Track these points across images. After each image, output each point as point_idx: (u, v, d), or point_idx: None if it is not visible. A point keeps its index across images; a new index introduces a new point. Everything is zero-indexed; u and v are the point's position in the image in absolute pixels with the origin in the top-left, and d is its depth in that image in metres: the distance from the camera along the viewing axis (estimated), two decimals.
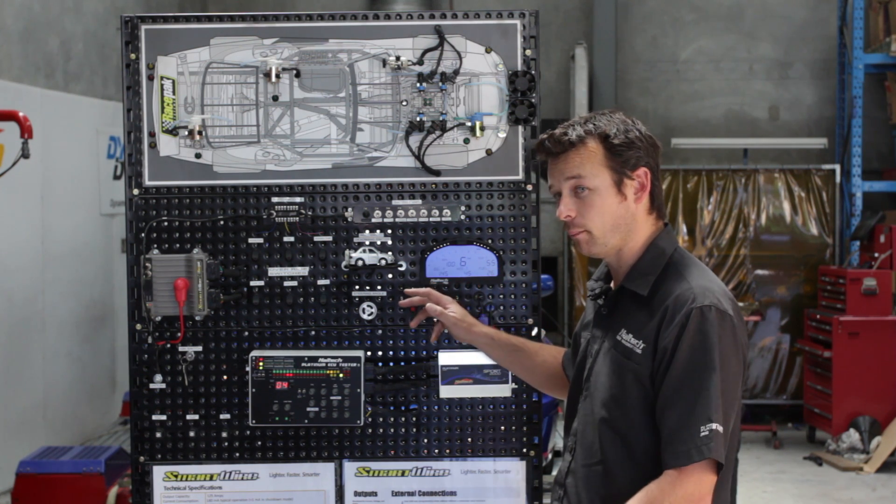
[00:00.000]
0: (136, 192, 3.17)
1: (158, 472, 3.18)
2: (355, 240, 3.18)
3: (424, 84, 3.16)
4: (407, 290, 3.07)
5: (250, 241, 3.17)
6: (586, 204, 2.47)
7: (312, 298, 3.18)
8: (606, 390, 2.46)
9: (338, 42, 3.17)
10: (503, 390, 3.10)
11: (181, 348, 3.16)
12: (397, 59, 3.15)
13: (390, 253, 3.17)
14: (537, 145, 2.56)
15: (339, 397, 3.07)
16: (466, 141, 3.17)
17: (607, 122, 2.47)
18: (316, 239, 3.18)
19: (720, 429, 2.27)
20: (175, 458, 3.19)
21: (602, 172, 2.45)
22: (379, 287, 3.18)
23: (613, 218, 2.46)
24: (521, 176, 3.18)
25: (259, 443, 3.18)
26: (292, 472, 3.19)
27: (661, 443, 2.34)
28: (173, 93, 3.16)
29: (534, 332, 3.18)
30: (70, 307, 7.51)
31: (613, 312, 2.52)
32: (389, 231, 3.18)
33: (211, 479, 3.19)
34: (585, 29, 10.36)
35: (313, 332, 3.19)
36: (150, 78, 3.15)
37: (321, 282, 3.18)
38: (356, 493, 3.19)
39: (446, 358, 3.10)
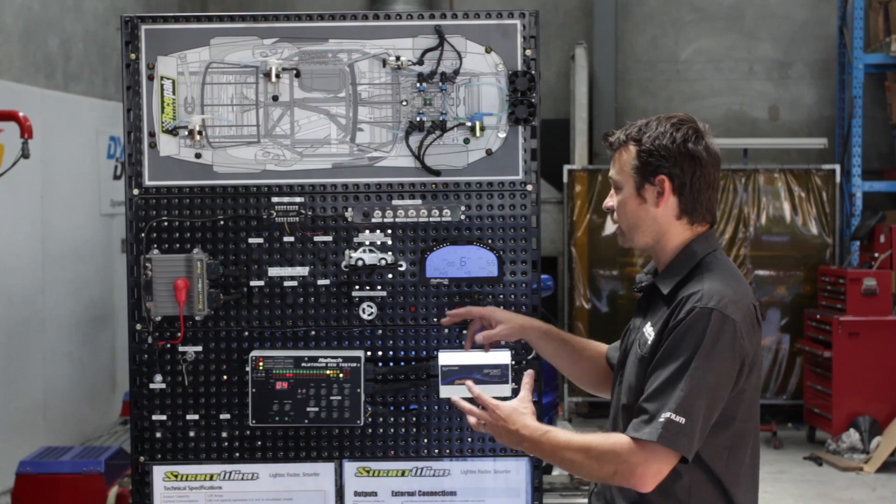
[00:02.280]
0: (136, 192, 3.17)
1: (158, 472, 3.18)
2: (355, 240, 3.18)
3: (424, 84, 3.16)
4: (449, 313, 3.10)
5: (250, 241, 3.17)
6: (618, 202, 2.67)
7: (312, 298, 3.18)
8: (628, 377, 2.61)
9: (338, 42, 3.17)
10: (503, 390, 3.09)
11: (181, 348, 3.16)
12: (397, 59, 3.15)
13: (390, 253, 3.17)
14: None
15: (339, 397, 3.07)
16: (466, 141, 3.17)
17: (650, 128, 2.62)
18: (316, 239, 3.18)
19: (678, 419, 2.38)
20: (175, 458, 3.19)
21: (629, 176, 2.63)
22: (379, 287, 3.18)
23: (635, 219, 2.64)
24: (521, 176, 3.18)
25: (259, 443, 3.18)
26: (292, 472, 3.19)
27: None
28: (173, 93, 3.16)
29: None
30: (70, 307, 7.51)
31: (649, 306, 2.67)
32: (389, 231, 3.18)
33: (211, 479, 3.19)
34: (585, 29, 10.36)
35: (313, 332, 3.19)
36: (150, 78, 3.15)
37: (321, 282, 3.18)
38: (356, 493, 3.19)
39: (446, 358, 3.10)
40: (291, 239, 3.18)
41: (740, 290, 2.53)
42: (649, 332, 2.57)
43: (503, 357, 3.09)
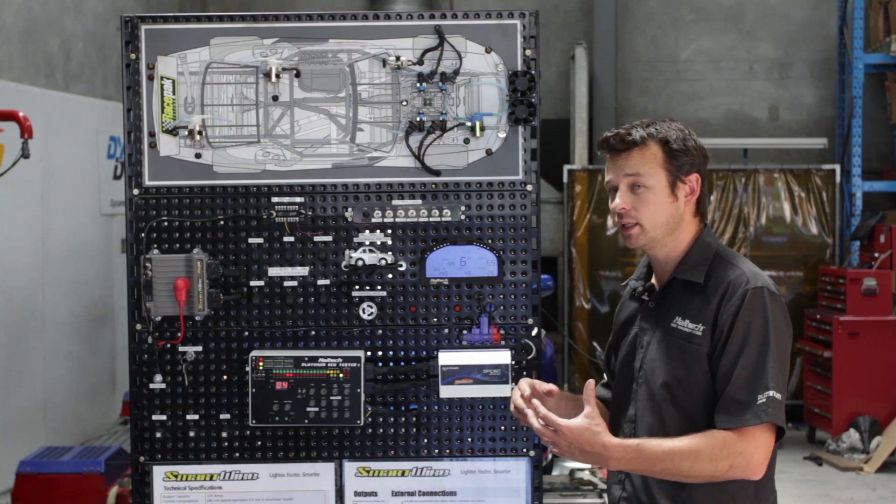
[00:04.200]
0: (136, 192, 3.17)
1: (158, 472, 3.18)
2: (355, 240, 3.18)
3: (424, 84, 3.16)
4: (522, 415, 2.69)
5: (250, 241, 3.17)
6: (642, 200, 2.64)
7: (312, 298, 3.18)
8: (667, 373, 2.62)
9: (338, 42, 3.17)
10: (503, 390, 3.10)
11: (181, 348, 3.16)
12: (397, 59, 3.15)
13: (390, 253, 3.17)
14: (600, 141, 2.71)
15: (339, 397, 3.07)
16: (466, 141, 3.17)
17: (668, 129, 2.66)
18: (316, 239, 3.18)
19: (777, 395, 2.47)
20: (175, 458, 3.19)
21: (659, 173, 2.64)
22: (379, 287, 3.18)
23: (665, 215, 2.65)
24: (521, 176, 3.18)
25: (259, 443, 3.18)
26: (292, 472, 3.19)
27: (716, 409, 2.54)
28: (173, 93, 3.16)
29: (534, 333, 3.18)
30: (70, 307, 7.51)
31: (662, 304, 2.69)
32: (389, 231, 3.18)
33: (211, 479, 3.19)
34: (585, 29, 10.35)
35: (313, 332, 3.19)
36: (150, 78, 3.15)
37: (321, 282, 3.18)
38: (356, 493, 3.19)
39: (446, 358, 3.10)
40: (291, 239, 3.18)
41: (764, 273, 2.65)
42: (688, 325, 2.59)
43: (503, 357, 3.09)
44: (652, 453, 2.47)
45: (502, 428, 3.19)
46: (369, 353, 3.18)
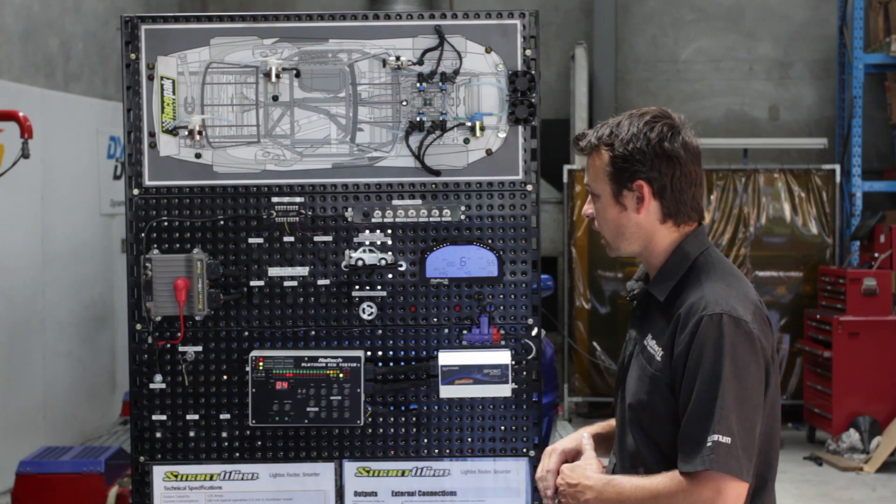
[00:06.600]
0: (136, 192, 3.17)
1: (158, 472, 3.18)
2: (355, 240, 3.18)
3: (424, 84, 3.16)
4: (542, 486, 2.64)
5: (250, 241, 3.17)
6: (597, 210, 2.50)
7: (312, 298, 3.18)
8: (634, 395, 2.45)
9: (338, 42, 3.17)
10: (503, 390, 3.10)
11: (181, 348, 3.17)
12: (397, 59, 3.15)
13: (390, 253, 3.17)
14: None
15: (339, 397, 3.07)
16: (466, 141, 3.17)
17: (622, 129, 2.44)
18: (316, 239, 3.18)
19: (725, 440, 2.23)
20: (175, 458, 3.19)
21: (605, 182, 2.46)
22: (379, 287, 3.18)
23: (617, 227, 2.48)
24: (521, 176, 3.18)
25: (259, 443, 3.19)
26: (292, 472, 3.19)
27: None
28: (173, 93, 3.16)
29: (534, 332, 3.18)
30: (70, 307, 7.51)
31: (645, 315, 2.51)
32: (389, 231, 3.18)
33: (211, 479, 3.19)
34: (585, 29, 10.36)
35: (313, 332, 3.19)
36: (150, 78, 3.15)
37: (321, 282, 3.18)
38: (356, 493, 3.19)
39: (446, 358, 3.10)
40: (291, 239, 3.18)
41: (742, 288, 2.38)
42: (654, 347, 2.40)
43: (503, 357, 3.09)
44: (621, 488, 2.35)
45: (502, 428, 3.20)
46: (369, 353, 3.18)
